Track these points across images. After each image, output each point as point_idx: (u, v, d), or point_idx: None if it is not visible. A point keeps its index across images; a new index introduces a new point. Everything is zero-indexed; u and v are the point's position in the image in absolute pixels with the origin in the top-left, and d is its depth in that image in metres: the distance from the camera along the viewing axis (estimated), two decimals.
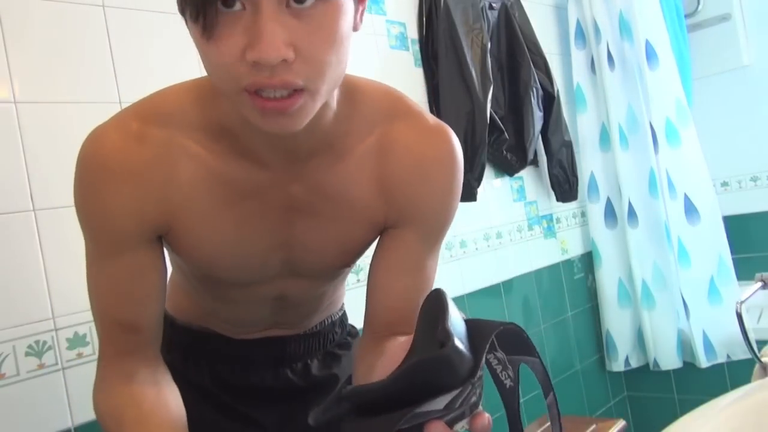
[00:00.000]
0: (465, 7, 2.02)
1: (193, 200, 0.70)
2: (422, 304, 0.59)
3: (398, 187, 0.74)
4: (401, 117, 0.74)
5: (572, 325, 2.45)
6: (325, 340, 0.97)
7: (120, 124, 0.69)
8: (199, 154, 0.69)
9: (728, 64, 2.66)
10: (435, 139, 0.74)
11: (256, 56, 0.54)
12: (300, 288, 0.84)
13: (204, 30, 0.55)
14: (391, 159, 0.73)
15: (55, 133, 1.19)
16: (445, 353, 0.50)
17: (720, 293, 2.26)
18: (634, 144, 2.39)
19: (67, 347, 1.18)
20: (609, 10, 2.40)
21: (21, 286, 1.14)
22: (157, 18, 1.35)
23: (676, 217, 2.29)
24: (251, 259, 0.76)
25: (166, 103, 0.70)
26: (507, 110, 2.20)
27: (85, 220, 0.70)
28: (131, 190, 0.67)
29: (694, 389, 2.43)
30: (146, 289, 0.73)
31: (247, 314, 0.89)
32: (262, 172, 0.70)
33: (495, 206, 2.17)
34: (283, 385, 0.94)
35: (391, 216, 0.76)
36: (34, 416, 1.12)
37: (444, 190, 0.76)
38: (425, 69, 1.99)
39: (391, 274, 0.77)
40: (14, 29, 1.16)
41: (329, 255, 0.79)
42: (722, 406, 0.80)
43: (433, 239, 0.79)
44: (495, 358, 0.57)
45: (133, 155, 0.67)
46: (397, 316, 0.76)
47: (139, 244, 0.71)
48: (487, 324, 0.55)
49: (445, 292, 0.58)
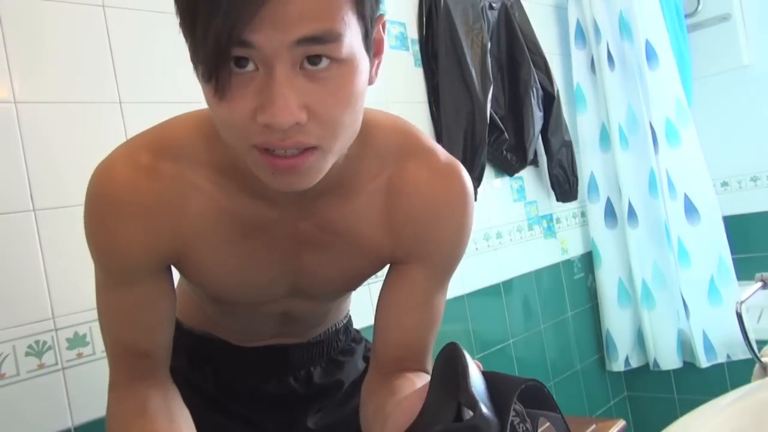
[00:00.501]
0: (465, 7, 2.02)
1: (202, 234, 0.70)
2: (437, 359, 0.56)
3: (407, 226, 0.73)
4: (413, 155, 0.73)
5: (572, 325, 2.45)
6: (329, 348, 0.97)
7: (130, 157, 0.68)
8: (209, 190, 0.69)
9: (728, 64, 2.66)
10: (446, 179, 0.73)
11: (268, 120, 0.53)
12: (305, 306, 0.85)
13: (216, 90, 0.54)
14: (400, 198, 0.72)
15: (55, 133, 1.19)
16: (473, 423, 0.48)
17: (720, 293, 2.26)
18: (634, 144, 2.39)
19: (67, 347, 1.18)
20: (609, 10, 2.40)
21: (21, 286, 1.14)
22: (157, 18, 1.34)
23: (676, 217, 2.29)
24: (259, 286, 0.76)
25: (175, 137, 0.69)
26: (507, 110, 2.20)
27: (96, 252, 0.71)
28: (142, 225, 0.67)
29: (694, 389, 2.43)
30: (157, 316, 0.74)
31: (251, 326, 0.90)
32: (271, 209, 0.70)
33: (495, 206, 2.17)
34: (285, 392, 0.94)
35: (398, 253, 0.75)
36: (34, 416, 1.12)
37: (454, 231, 0.75)
38: (425, 69, 1.99)
39: (398, 310, 0.76)
40: (14, 29, 1.16)
41: (335, 283, 0.80)
42: (722, 406, 0.80)
43: (441, 277, 0.78)
44: (513, 411, 0.55)
45: (145, 190, 0.66)
46: (404, 352, 0.76)
47: (150, 275, 0.71)
48: (507, 380, 0.53)
49: (461, 347, 0.55)
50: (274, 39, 0.51)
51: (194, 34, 0.52)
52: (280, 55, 0.52)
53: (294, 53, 0.52)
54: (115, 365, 0.75)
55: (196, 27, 0.51)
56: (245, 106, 0.54)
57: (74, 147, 1.21)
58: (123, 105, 1.28)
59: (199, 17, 0.51)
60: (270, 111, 0.52)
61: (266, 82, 0.53)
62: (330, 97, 0.55)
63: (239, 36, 0.50)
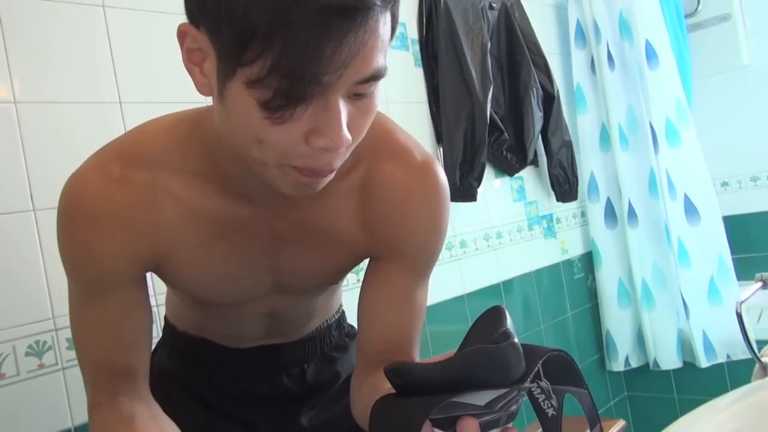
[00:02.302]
0: (465, 7, 2.02)
1: (180, 238, 0.70)
2: (481, 315, 0.58)
3: (380, 224, 0.74)
4: (387, 153, 0.73)
5: (572, 325, 2.45)
6: (322, 344, 0.97)
7: (100, 168, 0.67)
8: (183, 194, 0.69)
9: (728, 64, 2.66)
10: (421, 178, 0.73)
11: (327, 144, 0.55)
12: (290, 303, 0.85)
13: (275, 117, 0.54)
14: (374, 196, 0.73)
15: (55, 133, 1.19)
16: (504, 347, 0.50)
17: (720, 293, 2.26)
18: (634, 144, 2.39)
19: (67, 347, 1.18)
20: (609, 10, 2.40)
21: (21, 286, 1.14)
22: (157, 18, 1.34)
23: (676, 217, 2.29)
24: (240, 285, 0.77)
25: (146, 144, 0.69)
26: (507, 110, 2.20)
27: (72, 266, 0.70)
28: (118, 234, 0.67)
29: (694, 389, 2.43)
30: (135, 330, 0.73)
31: (240, 328, 0.90)
32: (247, 208, 0.71)
33: (495, 206, 2.17)
34: (279, 391, 0.94)
35: (374, 249, 0.76)
36: (34, 416, 1.12)
37: (428, 228, 0.76)
38: (425, 69, 1.99)
39: (380, 306, 0.77)
40: (14, 29, 1.16)
41: (316, 278, 0.80)
42: (722, 406, 0.80)
43: (419, 272, 0.78)
44: (538, 387, 0.56)
45: (118, 200, 0.66)
46: (390, 346, 0.77)
47: (128, 284, 0.71)
48: (538, 348, 0.54)
49: (505, 309, 0.57)
50: (346, 79, 0.53)
51: (268, 59, 0.50)
52: (343, 88, 0.54)
53: (352, 87, 0.55)
54: (94, 385, 0.74)
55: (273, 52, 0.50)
56: (298, 129, 0.55)
57: (74, 147, 1.21)
58: (123, 105, 1.28)
59: (278, 46, 0.50)
60: (328, 136, 0.55)
61: (321, 109, 0.54)
62: (365, 118, 0.59)
63: (318, 78, 0.51)
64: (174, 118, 0.71)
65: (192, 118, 0.71)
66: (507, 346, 0.50)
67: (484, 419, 0.50)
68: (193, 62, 0.59)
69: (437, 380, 0.50)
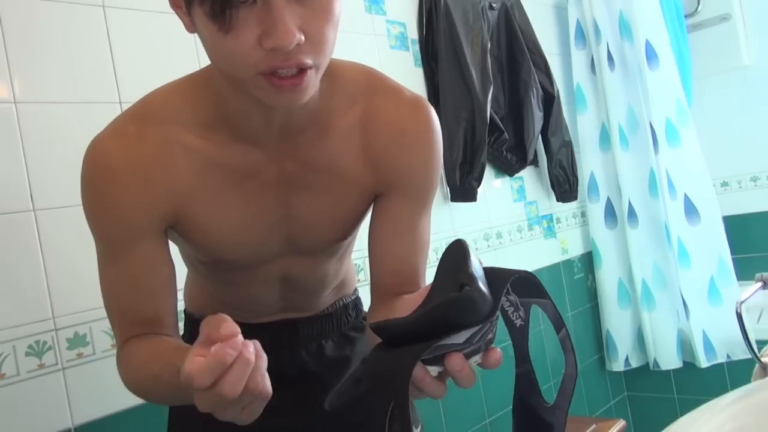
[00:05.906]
0: (465, 7, 2.02)
1: (196, 188, 0.75)
2: (444, 252, 0.63)
3: (382, 157, 0.80)
4: (380, 92, 0.80)
5: (572, 325, 2.45)
6: (339, 322, 0.99)
7: (117, 130, 0.74)
8: (197, 145, 0.74)
9: (728, 64, 2.66)
10: (413, 111, 0.80)
11: (274, 43, 0.59)
12: (303, 266, 0.88)
13: (222, 25, 0.59)
14: (374, 131, 0.79)
15: (55, 133, 1.19)
16: (470, 293, 0.56)
17: (720, 293, 2.26)
18: (634, 144, 2.39)
19: (67, 347, 1.18)
20: (609, 10, 2.40)
21: (21, 286, 1.14)
22: (157, 18, 1.35)
23: (676, 217, 2.29)
24: (254, 237, 0.81)
25: (159, 103, 0.75)
26: (507, 110, 2.20)
27: (96, 223, 0.75)
28: (138, 187, 0.72)
29: (694, 389, 2.43)
30: (159, 280, 0.77)
31: (256, 297, 0.92)
32: (257, 153, 0.75)
33: (495, 206, 2.17)
34: (299, 367, 0.95)
35: (379, 184, 0.82)
36: (34, 416, 1.12)
37: (426, 157, 0.81)
38: (425, 69, 1.99)
39: (387, 238, 0.83)
40: (14, 29, 1.16)
41: (325, 227, 0.84)
42: (722, 406, 0.80)
43: (422, 201, 0.84)
44: (507, 301, 0.63)
45: (136, 154, 0.71)
46: (399, 278, 0.82)
47: (151, 237, 0.75)
48: (503, 271, 0.61)
49: (466, 242, 0.63)
50: None
51: None
52: None
53: None
54: (122, 329, 0.77)
55: None
56: (250, 35, 0.60)
57: (74, 147, 1.20)
58: (123, 105, 1.28)
59: None
60: (275, 35, 0.59)
61: (266, 12, 0.59)
62: (319, 18, 0.62)
63: None
64: (182, 78, 0.77)
65: (198, 73, 0.77)
66: (472, 291, 0.56)
67: (466, 350, 0.58)
68: (176, 5, 0.65)
69: (417, 332, 0.57)
